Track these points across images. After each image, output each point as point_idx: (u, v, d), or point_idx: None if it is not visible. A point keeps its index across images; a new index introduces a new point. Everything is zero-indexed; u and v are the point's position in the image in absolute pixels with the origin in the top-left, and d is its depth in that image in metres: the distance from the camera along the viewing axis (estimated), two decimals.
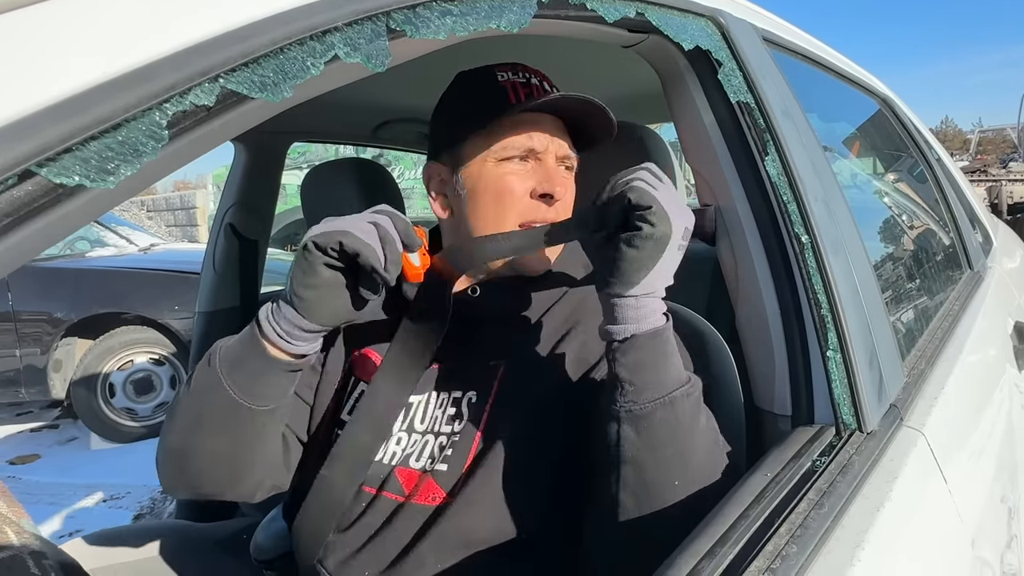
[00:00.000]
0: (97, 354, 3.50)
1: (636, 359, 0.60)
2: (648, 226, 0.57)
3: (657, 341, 0.60)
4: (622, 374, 0.60)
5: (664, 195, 0.59)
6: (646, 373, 0.60)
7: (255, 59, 0.32)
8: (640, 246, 0.58)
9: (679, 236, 0.59)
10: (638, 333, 0.60)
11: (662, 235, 0.58)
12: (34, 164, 0.25)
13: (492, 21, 0.48)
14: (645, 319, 0.60)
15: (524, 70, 0.78)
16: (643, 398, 0.59)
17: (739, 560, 0.51)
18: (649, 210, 0.57)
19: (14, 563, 0.38)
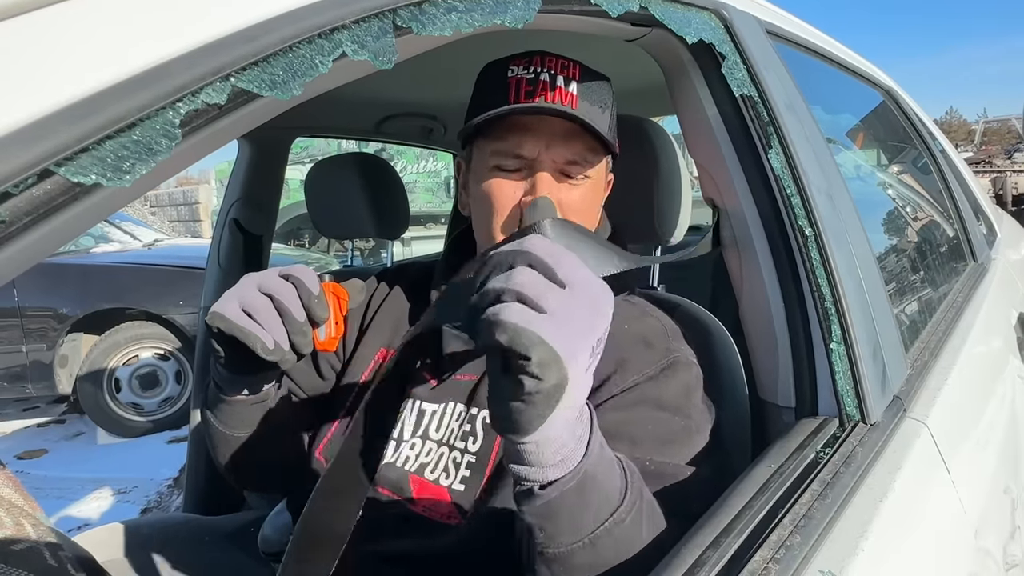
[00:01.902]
0: (103, 349, 3.53)
1: (544, 508, 0.48)
2: (532, 380, 0.41)
3: (569, 485, 0.47)
4: (530, 520, 0.49)
5: (552, 321, 0.41)
6: (558, 520, 0.48)
7: (265, 58, 0.33)
8: (527, 401, 0.42)
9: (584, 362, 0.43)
10: (543, 481, 0.47)
11: (554, 386, 0.41)
12: (52, 163, 0.25)
13: (497, 17, 0.48)
14: (550, 460, 0.46)
15: (539, 63, 0.71)
16: (557, 543, 0.49)
17: (743, 550, 0.52)
18: (529, 361, 0.40)
19: (32, 555, 0.39)
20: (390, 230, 1.47)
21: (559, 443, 0.46)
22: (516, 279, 0.42)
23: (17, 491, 0.45)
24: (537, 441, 0.45)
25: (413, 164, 7.79)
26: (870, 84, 1.65)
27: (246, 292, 0.62)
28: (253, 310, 0.61)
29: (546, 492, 0.47)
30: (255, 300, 0.61)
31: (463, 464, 0.70)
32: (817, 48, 1.22)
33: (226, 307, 0.62)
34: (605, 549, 0.49)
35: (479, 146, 0.74)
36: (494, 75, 0.73)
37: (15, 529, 0.40)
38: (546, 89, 0.69)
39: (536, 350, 0.40)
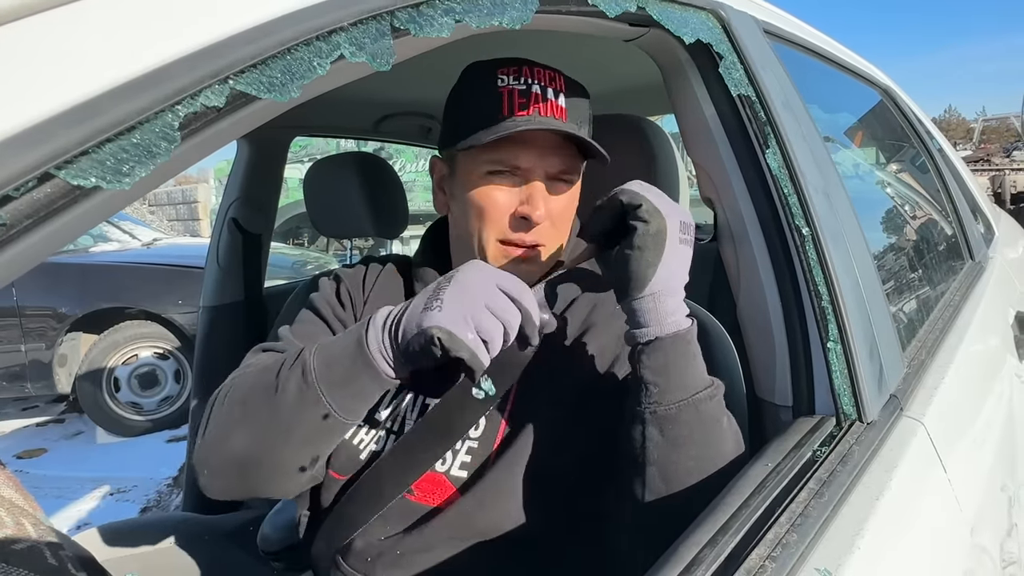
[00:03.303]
0: (102, 349, 3.52)
1: (660, 361, 0.61)
2: (642, 223, 0.60)
3: (679, 343, 0.61)
4: (647, 376, 0.61)
5: (654, 194, 0.61)
6: (670, 375, 0.61)
7: (263, 60, 0.33)
8: (641, 245, 0.60)
9: (676, 230, 0.61)
10: (661, 336, 0.61)
11: (658, 229, 0.60)
12: (53, 167, 0.25)
13: (494, 18, 0.49)
14: (666, 320, 0.61)
15: (529, 73, 0.72)
16: (667, 399, 0.60)
17: (740, 548, 0.52)
18: (640, 208, 0.60)
19: (32, 554, 0.39)
20: (389, 229, 1.48)
21: (670, 305, 0.61)
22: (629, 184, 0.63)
23: (17, 491, 0.45)
24: (655, 294, 0.61)
25: (412, 163, 7.79)
26: (868, 83, 1.65)
27: (479, 312, 0.58)
28: (484, 332, 0.58)
29: (663, 343, 0.61)
30: (487, 323, 0.58)
31: (463, 450, 0.71)
32: (815, 47, 1.22)
33: (457, 323, 0.57)
34: (704, 415, 0.61)
35: (471, 154, 0.73)
36: (481, 82, 0.73)
37: (16, 529, 0.40)
38: (539, 101, 0.71)
39: (644, 201, 0.61)
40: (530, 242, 0.72)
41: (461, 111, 0.75)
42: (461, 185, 0.75)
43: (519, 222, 0.72)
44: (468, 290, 0.59)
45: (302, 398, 0.62)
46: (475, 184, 0.73)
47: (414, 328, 0.58)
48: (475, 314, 0.57)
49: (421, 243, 0.88)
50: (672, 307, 0.62)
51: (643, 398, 0.61)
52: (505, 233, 0.72)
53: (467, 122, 0.72)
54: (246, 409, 0.66)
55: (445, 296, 0.59)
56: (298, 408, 0.63)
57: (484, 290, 0.59)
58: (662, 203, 0.61)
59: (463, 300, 0.58)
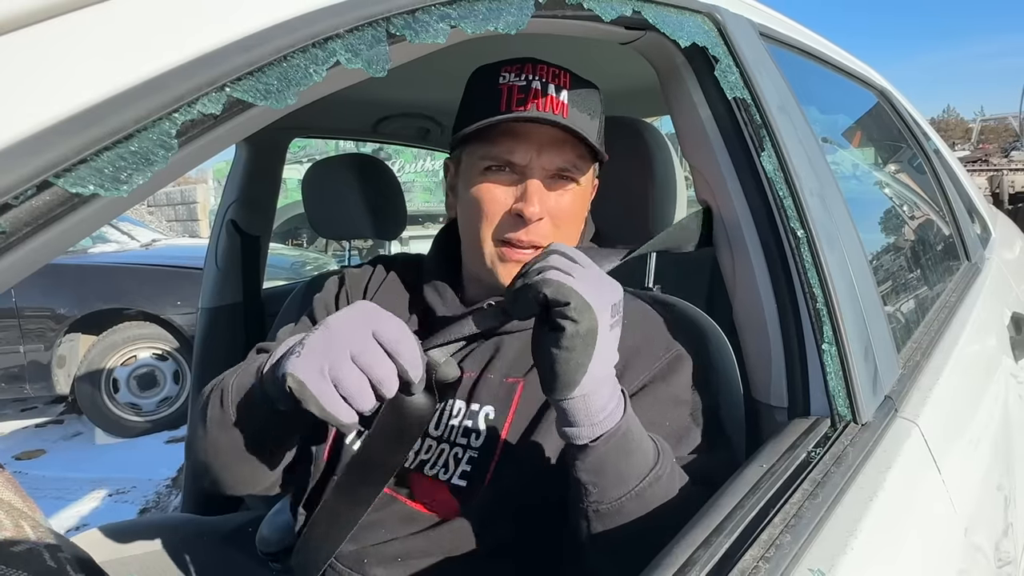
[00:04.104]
0: (100, 350, 3.52)
1: (596, 461, 0.57)
2: (571, 323, 0.53)
3: (614, 440, 0.57)
4: (582, 477, 0.58)
5: (582, 283, 0.54)
6: (608, 474, 0.57)
7: (259, 68, 0.33)
8: (568, 346, 0.53)
9: (608, 319, 0.55)
10: (591, 438, 0.57)
11: (588, 330, 0.53)
12: (51, 175, 0.26)
13: (490, 24, 0.49)
14: (595, 417, 0.56)
15: (531, 70, 0.72)
16: (608, 497, 0.58)
17: (734, 549, 0.53)
18: (568, 306, 0.53)
19: (31, 556, 0.39)
20: (387, 230, 1.48)
21: (601, 402, 0.57)
22: (552, 260, 0.57)
23: (16, 493, 0.46)
24: (584, 395, 0.55)
25: (411, 163, 7.79)
26: (864, 85, 1.65)
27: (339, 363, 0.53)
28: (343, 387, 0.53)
29: (596, 446, 0.57)
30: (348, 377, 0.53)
31: (464, 459, 0.71)
32: (811, 50, 1.22)
33: (311, 374, 0.53)
34: (651, 500, 0.58)
35: (470, 150, 0.74)
36: (485, 81, 0.73)
37: (14, 531, 0.40)
38: (538, 97, 0.70)
39: (573, 297, 0.53)
40: (527, 241, 0.71)
41: (464, 109, 0.76)
42: (463, 184, 0.75)
43: (515, 220, 0.71)
44: (334, 338, 0.54)
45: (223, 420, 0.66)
46: (474, 182, 0.73)
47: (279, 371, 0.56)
48: (334, 365, 0.53)
49: (433, 244, 0.87)
50: (603, 402, 0.57)
51: (583, 497, 0.58)
52: (502, 231, 0.71)
53: (467, 119, 0.72)
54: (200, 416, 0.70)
55: (308, 341, 0.55)
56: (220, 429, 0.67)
57: (352, 338, 0.54)
58: (591, 293, 0.54)
59: (325, 349, 0.54)
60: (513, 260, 0.72)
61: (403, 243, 6.68)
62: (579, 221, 0.77)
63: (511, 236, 0.71)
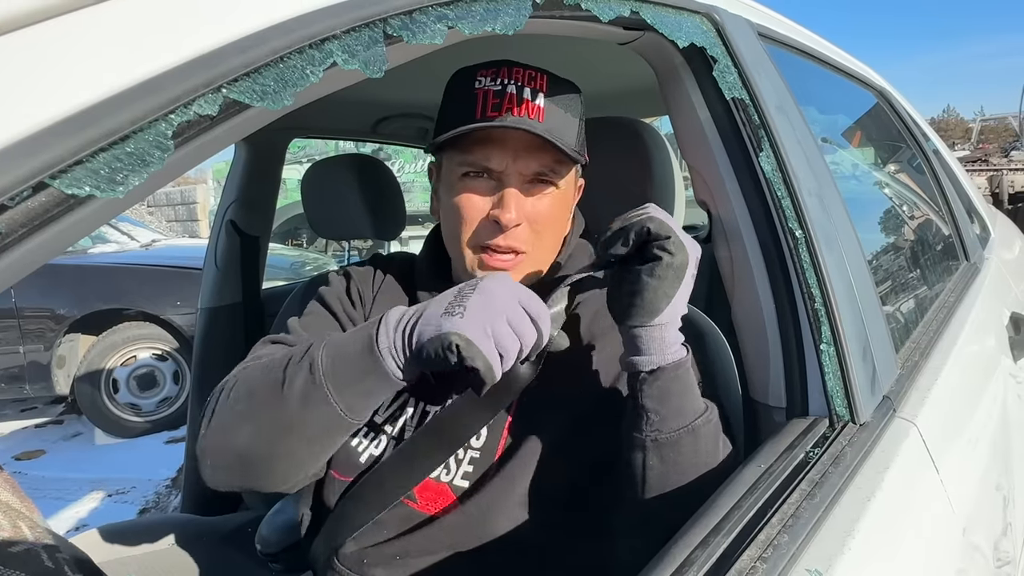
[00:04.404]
0: (100, 350, 3.52)
1: (662, 389, 0.61)
2: (668, 255, 0.59)
3: (681, 371, 0.62)
4: (648, 404, 0.62)
5: (677, 227, 0.61)
6: (671, 403, 0.62)
7: (256, 69, 0.33)
8: (662, 275, 0.59)
9: (693, 265, 0.61)
10: (664, 364, 0.61)
11: (681, 263, 0.60)
12: (47, 176, 0.26)
13: (487, 24, 0.49)
14: (669, 349, 0.62)
15: (507, 74, 0.72)
16: (668, 427, 0.61)
17: (732, 549, 0.53)
18: (668, 240, 0.59)
19: (29, 557, 0.39)
20: (387, 230, 1.48)
21: (674, 336, 0.62)
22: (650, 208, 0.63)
23: (14, 493, 0.46)
24: (663, 324, 0.61)
25: (410, 163, 7.80)
26: (863, 85, 1.65)
27: (500, 324, 0.57)
28: (501, 345, 0.57)
29: (665, 373, 0.61)
30: (506, 337, 0.57)
31: (465, 460, 0.71)
32: (810, 50, 1.22)
33: (478, 332, 0.56)
34: (701, 440, 0.62)
35: (448, 156, 0.74)
36: (461, 85, 0.73)
37: (12, 531, 0.41)
38: (513, 102, 0.70)
39: (673, 233, 0.60)
40: (505, 246, 0.71)
41: (442, 114, 0.76)
42: (444, 189, 0.76)
43: (492, 226, 0.71)
44: (492, 301, 0.58)
45: (308, 395, 0.62)
46: (453, 188, 0.73)
47: (432, 331, 0.58)
48: (496, 326, 0.57)
49: (424, 244, 0.88)
50: (674, 337, 0.62)
51: (644, 426, 0.62)
52: (481, 238, 0.72)
53: (444, 124, 0.72)
54: (252, 403, 0.65)
55: (469, 304, 0.58)
56: (303, 405, 0.62)
57: (507, 303, 0.58)
58: (686, 238, 0.62)
59: (486, 310, 0.57)
60: (491, 266, 0.72)
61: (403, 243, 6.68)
62: (559, 224, 0.77)
63: (490, 242, 0.72)
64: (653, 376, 0.62)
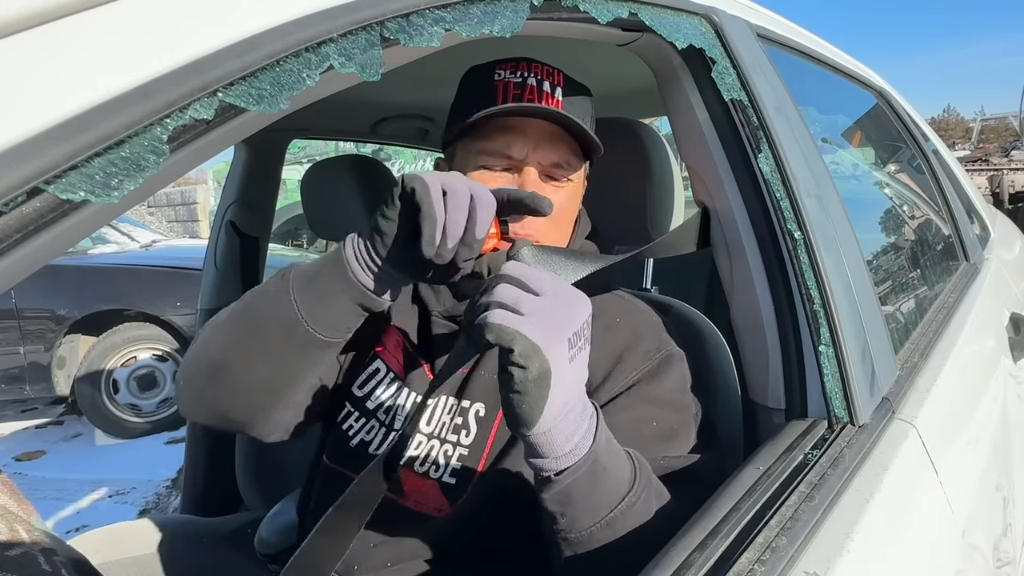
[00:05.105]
0: (100, 351, 3.53)
1: (563, 493, 0.54)
2: (519, 370, 0.48)
3: (581, 471, 0.54)
4: (551, 508, 0.55)
5: (531, 320, 0.49)
6: (576, 504, 0.55)
7: (252, 73, 0.33)
8: (520, 390, 0.49)
9: (565, 353, 0.50)
10: (555, 471, 0.54)
11: (539, 374, 0.48)
12: (42, 182, 0.26)
13: (485, 27, 0.49)
14: (559, 450, 0.53)
15: (526, 68, 0.73)
16: (578, 527, 0.56)
17: (730, 552, 0.53)
18: (512, 353, 0.48)
19: (26, 560, 0.39)
20: None
21: (566, 433, 0.53)
22: (496, 293, 0.51)
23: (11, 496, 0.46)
24: (545, 431, 0.52)
25: (410, 164, 7.80)
26: (863, 86, 1.65)
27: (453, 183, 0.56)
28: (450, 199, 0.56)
29: (561, 479, 0.54)
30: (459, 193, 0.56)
31: (454, 457, 0.71)
32: (809, 51, 1.22)
33: (428, 179, 0.56)
34: (623, 528, 0.56)
35: (464, 146, 0.75)
36: (480, 79, 0.74)
37: (9, 535, 0.41)
38: (534, 93, 0.71)
39: (517, 342, 0.48)
40: (523, 235, 0.71)
41: (457, 107, 0.77)
42: None
43: None
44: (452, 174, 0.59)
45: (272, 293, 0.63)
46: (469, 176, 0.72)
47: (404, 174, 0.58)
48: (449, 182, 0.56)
49: None
50: (566, 435, 0.53)
51: (552, 527, 0.57)
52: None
53: (461, 116, 0.73)
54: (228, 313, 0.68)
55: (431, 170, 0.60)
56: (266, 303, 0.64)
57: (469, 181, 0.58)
58: (542, 329, 0.49)
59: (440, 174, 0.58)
60: None
61: None
62: (570, 219, 0.78)
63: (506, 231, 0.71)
64: (550, 483, 0.54)
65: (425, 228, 0.55)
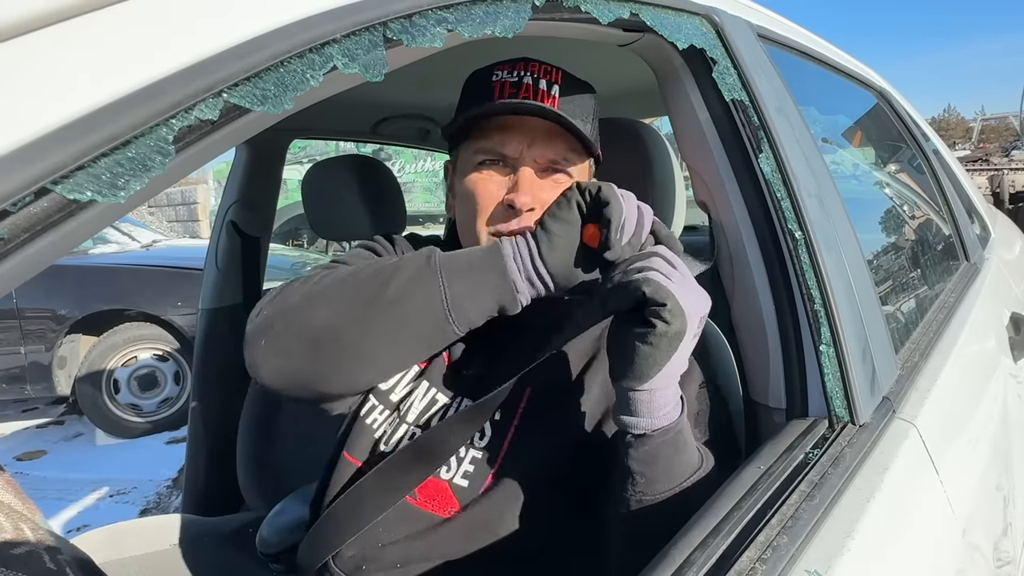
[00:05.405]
0: (101, 351, 3.53)
1: (649, 453, 0.59)
2: (663, 323, 0.54)
3: (669, 436, 0.59)
4: (633, 466, 0.60)
5: (679, 287, 0.56)
6: (658, 467, 0.59)
7: (256, 74, 0.34)
8: (655, 343, 0.54)
9: (694, 327, 0.57)
10: (651, 430, 0.59)
11: (677, 332, 0.54)
12: (49, 182, 0.26)
13: (487, 27, 0.49)
14: (658, 412, 0.58)
15: (524, 67, 0.74)
16: (654, 490, 0.60)
17: (731, 551, 0.53)
18: (664, 307, 0.54)
19: (31, 559, 0.39)
20: (387, 232, 1.48)
21: (665, 399, 0.58)
22: (653, 261, 0.58)
23: (16, 495, 0.46)
24: (652, 390, 0.57)
25: (411, 164, 7.80)
26: (863, 86, 1.65)
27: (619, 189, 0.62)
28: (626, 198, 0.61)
29: (654, 437, 0.58)
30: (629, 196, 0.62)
31: (467, 459, 0.71)
32: (809, 51, 1.22)
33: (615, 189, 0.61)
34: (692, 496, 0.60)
35: (464, 147, 0.76)
36: (479, 80, 0.76)
37: (14, 533, 0.41)
38: (529, 92, 0.72)
39: (671, 299, 0.54)
40: (518, 229, 0.71)
41: (459, 110, 0.78)
42: (459, 179, 0.77)
43: (507, 211, 0.72)
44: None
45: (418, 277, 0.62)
46: (468, 175, 0.75)
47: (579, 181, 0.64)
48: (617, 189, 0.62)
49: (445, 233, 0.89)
50: (667, 399, 0.59)
51: (628, 486, 0.60)
52: (495, 222, 0.73)
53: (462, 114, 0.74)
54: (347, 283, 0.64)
55: None
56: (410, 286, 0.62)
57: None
58: (687, 299, 0.55)
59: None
60: None
61: None
62: None
63: (503, 227, 0.72)
64: (640, 440, 0.59)
65: (614, 219, 0.59)
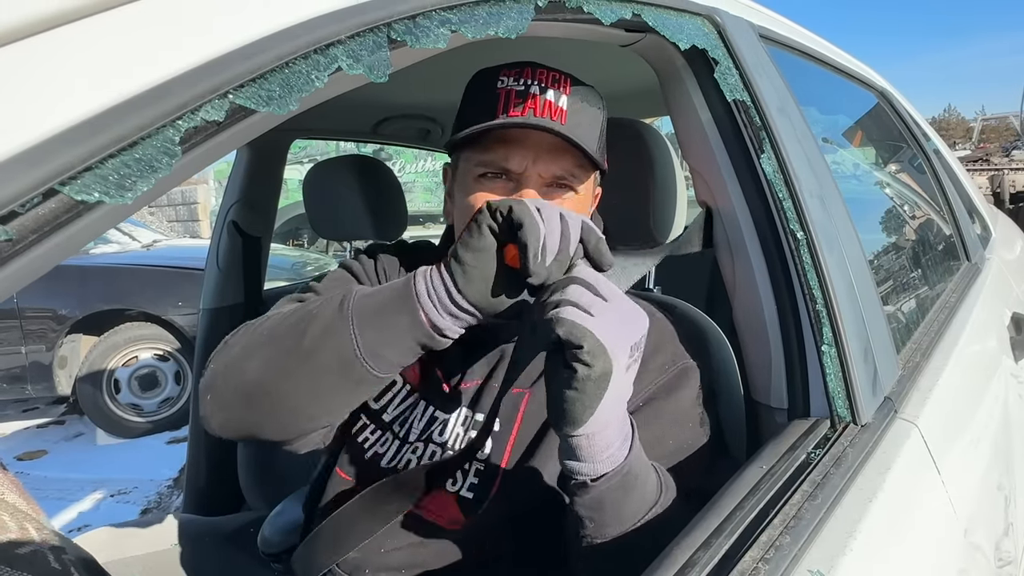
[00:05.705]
0: (102, 351, 3.53)
1: (594, 500, 0.55)
2: (583, 366, 0.49)
3: (615, 480, 0.55)
4: (581, 512, 0.57)
5: (599, 320, 0.50)
6: (605, 512, 0.56)
7: (262, 75, 0.34)
8: (580, 388, 0.50)
9: (624, 361, 0.51)
10: (593, 475, 0.55)
11: (601, 374, 0.49)
12: (57, 183, 0.26)
13: (490, 28, 0.49)
14: (600, 456, 0.54)
15: (531, 75, 0.70)
16: (605, 533, 0.57)
17: (734, 550, 0.53)
18: (581, 349, 0.49)
19: (36, 558, 0.39)
20: (388, 231, 1.48)
21: (607, 440, 0.54)
22: (569, 291, 0.52)
23: (20, 495, 0.46)
24: (588, 434, 0.53)
25: (411, 164, 7.81)
26: (864, 86, 1.66)
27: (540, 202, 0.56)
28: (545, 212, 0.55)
29: (596, 485, 0.55)
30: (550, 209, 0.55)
31: (471, 472, 0.70)
32: (811, 51, 1.23)
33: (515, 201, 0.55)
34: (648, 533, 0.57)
35: (465, 156, 0.72)
36: (484, 85, 0.71)
37: (19, 533, 0.41)
38: (536, 103, 0.68)
39: (587, 340, 0.49)
40: None
41: (461, 113, 0.74)
42: (459, 190, 0.74)
43: None
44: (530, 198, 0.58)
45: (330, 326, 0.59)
46: (469, 189, 0.71)
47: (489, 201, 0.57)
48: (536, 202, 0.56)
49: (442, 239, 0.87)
50: (607, 441, 0.54)
51: (579, 528, 0.57)
52: None
53: (464, 124, 0.71)
54: (271, 335, 0.63)
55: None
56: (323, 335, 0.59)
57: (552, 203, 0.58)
58: (610, 332, 0.50)
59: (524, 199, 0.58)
60: None
61: None
62: None
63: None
64: (584, 488, 0.55)
65: (530, 242, 0.53)
